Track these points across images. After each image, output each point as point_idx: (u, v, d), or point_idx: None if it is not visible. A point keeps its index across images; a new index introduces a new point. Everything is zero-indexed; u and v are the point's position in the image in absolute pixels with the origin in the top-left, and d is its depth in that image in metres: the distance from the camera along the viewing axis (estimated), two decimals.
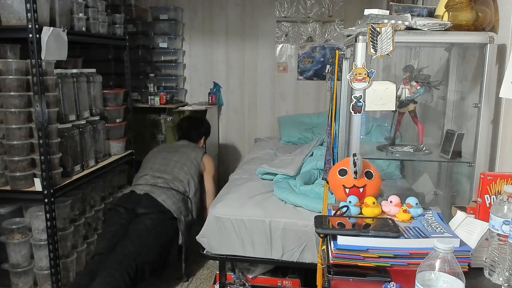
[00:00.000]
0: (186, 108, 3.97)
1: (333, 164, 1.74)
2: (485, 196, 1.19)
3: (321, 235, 1.19)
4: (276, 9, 4.17)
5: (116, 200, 2.71)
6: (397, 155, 1.72)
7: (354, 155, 1.34)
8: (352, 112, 1.49)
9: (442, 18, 1.50)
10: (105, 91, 2.99)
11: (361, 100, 1.47)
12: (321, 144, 2.99)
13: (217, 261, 2.35)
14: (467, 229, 1.16)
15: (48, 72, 2.24)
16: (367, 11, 1.52)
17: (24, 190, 2.25)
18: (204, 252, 2.30)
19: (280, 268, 2.46)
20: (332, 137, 1.82)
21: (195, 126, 3.26)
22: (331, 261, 1.09)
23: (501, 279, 0.99)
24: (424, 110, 2.13)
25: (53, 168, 2.25)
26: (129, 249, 2.29)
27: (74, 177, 2.47)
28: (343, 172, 1.37)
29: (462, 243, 1.08)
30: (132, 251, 2.28)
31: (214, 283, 2.48)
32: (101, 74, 2.92)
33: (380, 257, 1.08)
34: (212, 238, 2.25)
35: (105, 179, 2.95)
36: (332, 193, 1.49)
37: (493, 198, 1.18)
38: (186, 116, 3.63)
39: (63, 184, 2.33)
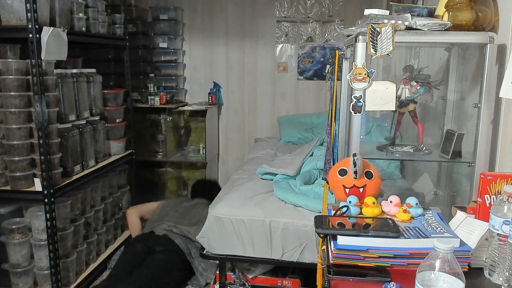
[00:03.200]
0: (186, 108, 3.97)
1: (333, 164, 1.74)
2: (485, 196, 1.18)
3: (321, 235, 1.19)
4: (276, 9, 4.16)
5: (134, 237, 2.86)
6: (397, 155, 1.72)
7: (354, 155, 1.34)
8: (352, 112, 1.49)
9: (442, 18, 1.50)
10: (105, 91, 2.99)
11: (361, 100, 1.47)
12: (321, 144, 2.99)
13: (217, 261, 2.35)
14: (467, 229, 1.16)
15: (48, 72, 2.24)
16: (367, 11, 1.52)
17: (24, 190, 2.25)
18: (204, 252, 2.30)
19: (280, 268, 2.46)
20: (332, 137, 1.82)
21: (209, 190, 3.37)
22: (331, 261, 1.09)
23: (501, 279, 0.99)
24: (424, 110, 2.13)
25: (53, 168, 2.25)
26: (145, 273, 2.42)
27: (74, 177, 2.47)
28: (343, 172, 1.37)
29: (462, 243, 1.08)
30: (148, 275, 2.41)
31: (214, 283, 2.48)
32: (101, 74, 2.92)
33: (380, 257, 1.08)
34: (212, 238, 2.25)
35: (105, 179, 2.95)
36: (332, 193, 1.49)
37: (493, 198, 1.18)
38: (200, 179, 3.76)
39: (63, 184, 2.33)
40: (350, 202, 1.29)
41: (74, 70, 2.64)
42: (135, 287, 2.32)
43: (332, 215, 1.28)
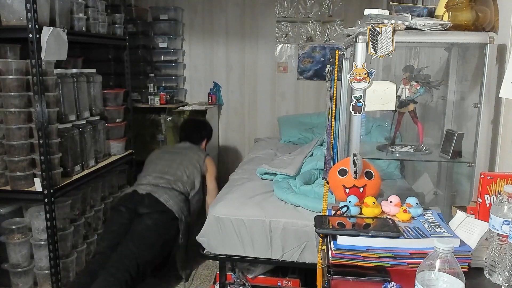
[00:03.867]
0: (186, 108, 3.97)
1: (333, 164, 1.74)
2: (485, 196, 1.18)
3: (321, 235, 1.19)
4: (276, 9, 4.17)
5: (118, 199, 2.72)
6: (397, 155, 1.72)
7: (354, 155, 1.34)
8: (352, 112, 1.49)
9: (442, 18, 1.50)
10: (105, 91, 2.99)
11: (361, 100, 1.47)
12: (321, 144, 2.99)
13: (217, 261, 2.35)
14: (467, 229, 1.16)
15: (48, 72, 2.24)
16: (367, 11, 1.52)
17: (24, 190, 2.25)
18: (204, 252, 2.30)
19: (280, 268, 2.46)
20: (332, 137, 1.82)
21: (197, 129, 3.28)
22: (331, 261, 1.09)
23: (501, 279, 0.99)
24: (424, 110, 2.13)
25: (53, 168, 2.25)
26: (131, 249, 2.29)
27: (74, 177, 2.47)
28: (343, 172, 1.37)
29: (462, 243, 1.08)
30: (134, 251, 2.28)
31: (214, 283, 2.48)
32: (101, 74, 2.92)
33: (380, 257, 1.08)
34: (212, 238, 2.25)
35: (105, 179, 2.95)
36: (332, 193, 1.49)
37: (493, 198, 1.17)
38: (189, 118, 3.65)
39: (63, 184, 2.33)
40: (350, 202, 1.29)
41: (74, 70, 2.63)
42: (121, 269, 2.20)
43: (332, 215, 1.28)
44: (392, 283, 1.00)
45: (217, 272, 2.44)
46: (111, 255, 2.28)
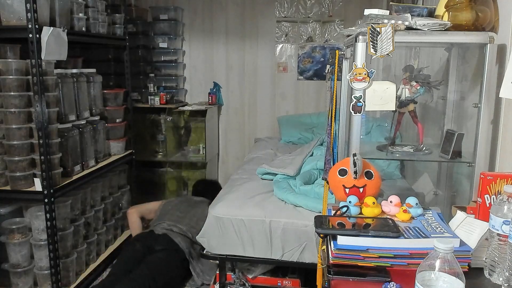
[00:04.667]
0: (186, 108, 3.97)
1: (333, 164, 1.74)
2: (485, 196, 1.18)
3: (321, 235, 1.19)
4: (276, 9, 4.16)
5: (134, 236, 2.87)
6: (397, 155, 1.72)
7: (354, 155, 1.34)
8: (352, 112, 1.49)
9: (442, 18, 1.50)
10: (105, 91, 2.99)
11: (361, 100, 1.47)
12: (321, 144, 2.99)
13: (217, 261, 2.35)
14: (467, 229, 1.16)
15: (48, 72, 2.24)
16: (367, 11, 1.52)
17: (24, 190, 2.25)
18: (204, 252, 2.30)
19: (280, 268, 2.46)
20: (332, 137, 1.82)
21: (210, 190, 3.36)
22: (331, 261, 1.09)
23: (501, 279, 0.99)
24: (424, 110, 2.13)
25: (53, 168, 2.25)
26: (145, 273, 2.42)
27: (74, 177, 2.47)
28: (343, 172, 1.37)
29: (462, 243, 1.08)
30: (147, 274, 2.41)
31: (214, 283, 2.48)
32: (101, 74, 2.92)
33: (380, 257, 1.08)
34: (212, 238, 2.25)
35: (105, 179, 2.95)
36: (332, 193, 1.49)
37: (493, 198, 1.17)
38: (201, 180, 3.79)
39: (63, 184, 2.33)
40: (350, 202, 1.29)
41: (74, 70, 2.64)
42: (134, 286, 2.32)
43: (332, 215, 1.28)
44: (392, 283, 1.00)
45: (217, 272, 2.43)
46: (123, 279, 2.39)
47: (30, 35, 2.07)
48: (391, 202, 1.28)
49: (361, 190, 1.34)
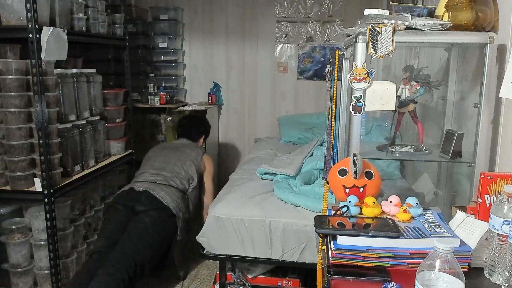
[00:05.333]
0: (186, 108, 3.97)
1: (333, 164, 1.74)
2: (485, 196, 1.18)
3: (321, 235, 1.19)
4: (276, 9, 4.17)
5: (115, 197, 2.68)
6: (397, 155, 1.72)
7: (354, 155, 1.34)
8: (352, 112, 1.49)
9: (442, 18, 1.50)
10: (105, 91, 2.99)
11: (361, 100, 1.47)
12: (321, 144, 2.99)
13: (217, 261, 2.35)
14: (467, 229, 1.16)
15: (48, 72, 2.24)
16: (367, 11, 1.52)
17: (24, 190, 2.25)
18: (204, 252, 2.30)
19: (280, 268, 2.46)
20: (332, 137, 1.82)
21: (195, 125, 3.28)
22: (331, 261, 1.09)
23: (501, 279, 0.99)
24: (424, 110, 2.13)
25: (53, 168, 2.25)
26: (128, 248, 2.28)
27: (74, 177, 2.47)
28: (343, 172, 1.37)
29: (462, 243, 1.08)
30: (131, 249, 2.27)
31: (214, 283, 2.48)
32: (101, 74, 2.92)
33: (380, 257, 1.08)
34: (212, 238, 2.25)
35: (105, 179, 2.95)
36: (332, 193, 1.49)
37: (493, 198, 1.18)
38: (187, 114, 3.65)
39: (63, 184, 2.33)
40: (350, 202, 1.29)
41: (74, 70, 2.63)
42: (119, 264, 2.19)
43: (332, 215, 1.28)
44: (392, 283, 1.00)
45: (217, 272, 2.43)
46: (109, 254, 2.27)
47: (30, 35, 2.07)
48: (391, 202, 1.28)
49: (361, 190, 1.34)
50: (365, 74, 1.45)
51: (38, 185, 2.22)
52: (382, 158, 1.78)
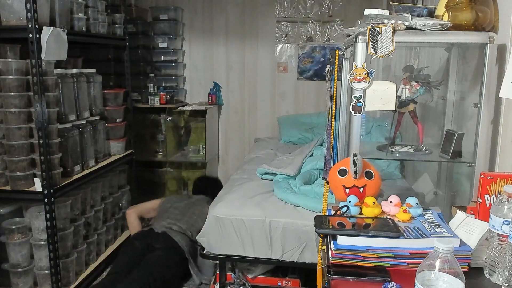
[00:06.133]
0: (186, 108, 3.97)
1: (333, 164, 1.74)
2: (485, 196, 1.18)
3: (321, 235, 1.19)
4: (276, 9, 4.16)
5: (134, 235, 2.86)
6: (397, 155, 1.72)
7: (354, 155, 1.34)
8: (352, 112, 1.49)
9: (442, 18, 1.50)
10: (105, 91, 2.99)
11: (361, 100, 1.47)
12: (321, 144, 2.99)
13: (217, 261, 2.35)
14: (467, 229, 1.16)
15: (48, 72, 2.24)
16: (367, 11, 1.52)
17: (24, 190, 2.25)
18: (204, 252, 2.30)
19: (280, 268, 2.46)
20: (332, 137, 1.82)
21: (211, 188, 3.37)
22: (331, 261, 1.09)
23: (501, 279, 0.99)
24: (424, 110, 2.13)
25: (53, 168, 2.25)
26: (144, 272, 2.41)
27: (74, 177, 2.47)
28: (343, 172, 1.37)
29: (462, 243, 1.08)
30: (147, 274, 2.40)
31: (214, 283, 2.48)
32: (101, 74, 2.92)
33: (380, 257, 1.08)
34: (212, 238, 2.25)
35: (105, 179, 2.95)
36: (332, 193, 1.49)
37: (493, 198, 1.17)
38: (202, 176, 3.79)
39: (63, 184, 2.33)
40: (350, 202, 1.29)
41: (74, 70, 2.64)
42: (134, 286, 2.32)
43: (332, 215, 1.28)
44: (392, 283, 1.00)
45: (217, 272, 2.43)
46: (124, 278, 2.37)
47: (30, 35, 2.07)
48: (391, 202, 1.28)
49: (361, 190, 1.34)
50: (365, 74, 1.45)
51: (38, 185, 2.22)
52: (382, 158, 1.78)
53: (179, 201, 3.10)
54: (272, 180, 2.59)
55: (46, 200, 2.20)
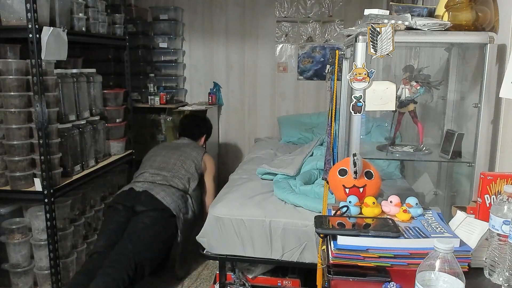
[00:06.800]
0: (186, 108, 3.97)
1: (333, 164, 1.74)
2: (485, 196, 1.18)
3: (321, 235, 1.19)
4: (276, 9, 4.17)
5: (115, 197, 2.67)
6: (397, 155, 1.72)
7: (354, 155, 1.34)
8: (352, 112, 1.49)
9: (442, 18, 1.50)
10: (105, 91, 2.99)
11: (361, 100, 1.47)
12: (321, 144, 2.99)
13: (217, 261, 2.35)
14: (467, 229, 1.16)
15: (48, 72, 2.24)
16: (367, 11, 1.52)
17: (24, 190, 2.25)
18: (204, 252, 2.30)
19: (280, 268, 2.46)
20: (332, 137, 1.82)
21: (197, 124, 3.27)
22: (331, 261, 1.09)
23: (501, 279, 0.99)
24: (424, 110, 2.13)
25: (53, 168, 2.25)
26: (128, 248, 2.26)
27: (74, 177, 2.47)
28: (343, 172, 1.37)
29: (462, 243, 1.08)
30: (131, 250, 2.26)
31: (214, 283, 2.48)
32: (101, 74, 2.92)
33: (380, 257, 1.08)
34: (212, 238, 2.25)
35: (105, 179, 2.95)
36: (332, 193, 1.49)
37: (493, 198, 1.18)
38: (188, 113, 3.65)
39: (63, 184, 2.33)
40: (350, 202, 1.29)
41: (74, 70, 2.64)
42: (119, 265, 2.18)
43: (332, 215, 1.28)
44: (392, 283, 1.00)
45: (217, 272, 2.44)
46: (108, 255, 2.26)
47: (30, 35, 2.07)
48: (391, 202, 1.28)
49: (361, 190, 1.34)
50: (365, 74, 1.45)
51: (38, 185, 2.22)
52: (382, 158, 1.78)
53: (160, 148, 2.96)
54: (272, 180, 2.59)
55: (46, 200, 2.20)
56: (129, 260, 2.21)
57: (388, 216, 1.26)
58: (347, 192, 1.35)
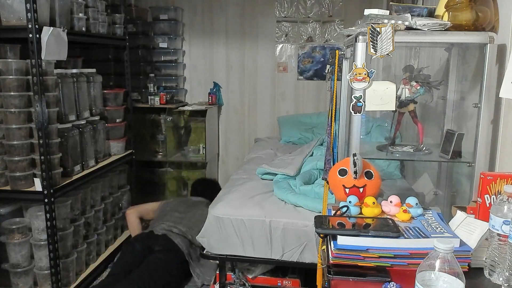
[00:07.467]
0: (186, 108, 3.97)
1: (333, 164, 1.74)
2: (485, 196, 1.18)
3: (321, 235, 1.19)
4: (276, 9, 4.16)
5: (134, 237, 2.85)
6: (397, 155, 1.72)
7: (354, 155, 1.34)
8: (352, 112, 1.49)
9: (442, 18, 1.50)
10: (105, 91, 2.99)
11: (361, 100, 1.47)
12: (321, 144, 2.99)
13: (217, 261, 2.35)
14: (467, 229, 1.16)
15: (48, 72, 2.24)
16: (367, 11, 1.52)
17: (24, 190, 2.25)
18: (204, 252, 2.30)
19: (280, 268, 2.46)
20: (332, 137, 1.82)
21: (210, 188, 3.40)
22: (331, 261, 1.09)
23: (501, 279, 0.99)
24: (424, 110, 2.13)
25: (53, 168, 2.25)
26: (144, 274, 2.41)
27: (74, 177, 2.47)
28: (343, 172, 1.37)
29: (462, 243, 1.08)
30: (147, 275, 2.40)
31: (214, 283, 2.48)
32: (101, 74, 2.92)
33: (380, 257, 1.08)
34: (212, 238, 2.25)
35: (105, 179, 2.95)
36: (332, 193, 1.49)
37: (493, 198, 1.18)
38: (202, 178, 3.79)
39: (63, 184, 2.33)
40: (350, 202, 1.29)
41: (74, 70, 2.64)
42: (134, 287, 2.32)
43: (332, 215, 1.28)
44: (392, 283, 1.00)
45: (217, 272, 2.43)
46: (125, 277, 2.38)
47: (30, 35, 2.07)
48: (391, 202, 1.28)
49: (361, 190, 1.34)
50: (365, 74, 1.45)
51: (38, 185, 2.22)
52: (382, 158, 1.78)
53: (178, 204, 3.11)
54: (272, 180, 2.59)
55: (46, 200, 2.20)
56: (144, 284, 2.34)
57: (388, 216, 1.26)
58: (347, 192, 1.35)
